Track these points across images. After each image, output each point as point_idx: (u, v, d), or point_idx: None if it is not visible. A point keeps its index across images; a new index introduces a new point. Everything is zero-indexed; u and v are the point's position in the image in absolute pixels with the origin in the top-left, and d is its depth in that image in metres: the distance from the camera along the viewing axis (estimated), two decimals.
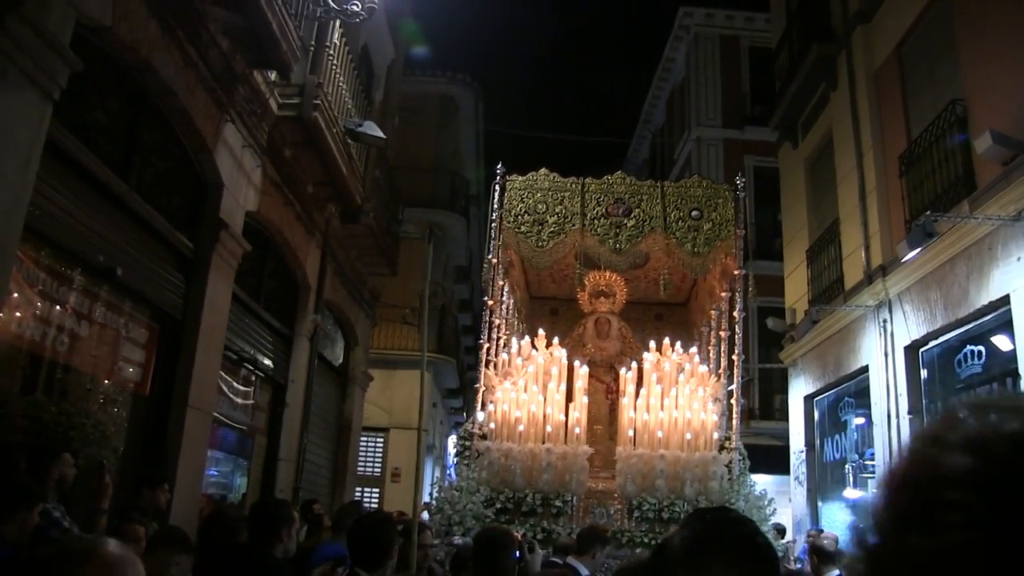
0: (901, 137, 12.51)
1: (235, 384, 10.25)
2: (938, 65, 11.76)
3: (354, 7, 9.39)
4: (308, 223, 11.69)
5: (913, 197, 11.85)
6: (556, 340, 11.81)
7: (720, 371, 11.57)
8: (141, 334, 7.72)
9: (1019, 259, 9.15)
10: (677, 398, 10.91)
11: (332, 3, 9.10)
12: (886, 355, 12.28)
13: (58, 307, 6.37)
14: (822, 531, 12.07)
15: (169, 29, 7.17)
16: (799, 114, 16.93)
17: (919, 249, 10.13)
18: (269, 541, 4.93)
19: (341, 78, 10.87)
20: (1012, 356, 9.33)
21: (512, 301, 12.46)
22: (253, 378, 10.93)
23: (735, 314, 11.36)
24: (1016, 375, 9.20)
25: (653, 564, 1.74)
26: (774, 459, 17.90)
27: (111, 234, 6.92)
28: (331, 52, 10.24)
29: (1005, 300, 9.44)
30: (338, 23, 10.16)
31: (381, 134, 11.09)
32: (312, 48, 9.81)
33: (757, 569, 1.59)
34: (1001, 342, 9.85)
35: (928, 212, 10.09)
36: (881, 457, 12.17)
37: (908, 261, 10.93)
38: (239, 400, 10.46)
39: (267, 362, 11.12)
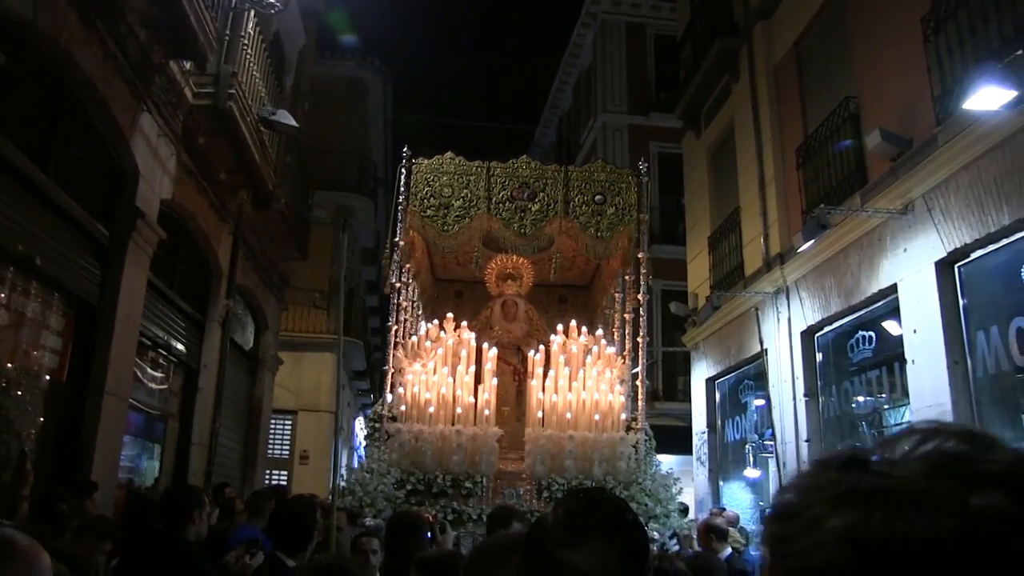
0: (799, 130, 13.02)
1: (149, 370, 10.29)
2: (834, 63, 12.26)
3: None
4: (221, 209, 11.75)
5: (810, 188, 12.37)
6: (464, 323, 11.89)
7: (625, 353, 11.79)
8: (58, 322, 7.78)
9: (905, 250, 9.69)
10: (584, 380, 11.08)
11: None
12: (784, 339, 12.85)
13: None
14: (724, 509, 12.51)
15: (88, 20, 7.23)
16: (702, 104, 17.37)
17: (813, 240, 10.63)
18: (182, 525, 5.09)
19: (255, 67, 10.97)
20: (899, 341, 9.87)
21: (417, 283, 12.53)
22: (166, 363, 10.98)
23: (639, 297, 11.48)
24: (903, 359, 9.77)
25: (528, 541, 1.80)
26: (678, 440, 18.24)
27: (30, 223, 6.98)
28: (246, 42, 10.33)
29: (893, 289, 9.99)
30: (252, 12, 10.24)
31: (294, 123, 11.22)
32: (227, 38, 9.89)
33: (626, 544, 1.68)
34: (890, 328, 10.41)
35: (822, 205, 10.61)
36: (779, 437, 12.72)
37: (804, 251, 11.43)
38: (152, 385, 10.50)
39: (180, 347, 11.16)
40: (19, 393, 7.24)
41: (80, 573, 4.72)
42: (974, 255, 8.79)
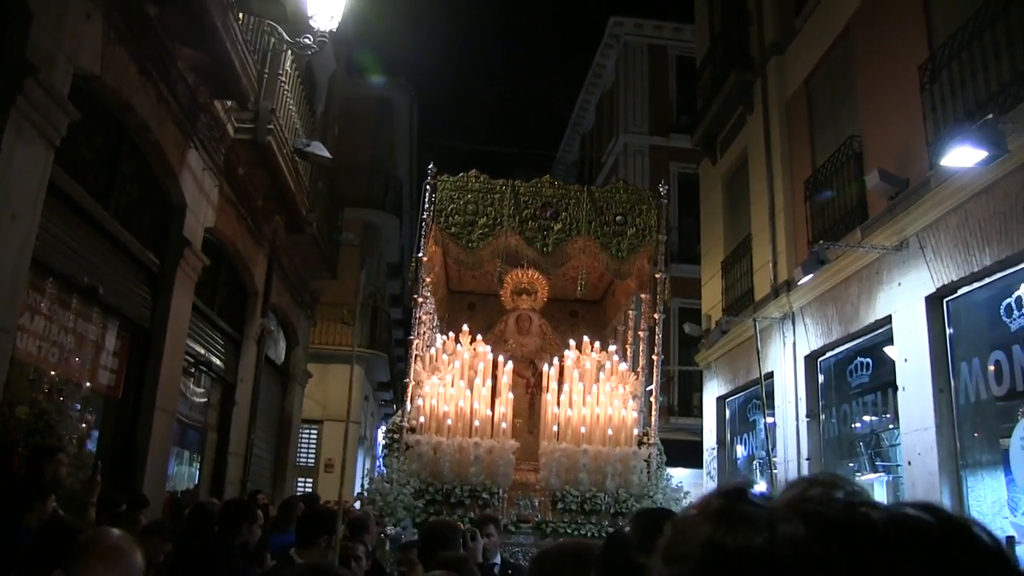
0: (807, 164, 13.61)
1: (191, 385, 11.05)
2: (840, 101, 12.85)
3: (306, 40, 10.10)
4: (257, 234, 12.51)
5: (816, 220, 12.97)
6: (480, 336, 12.10)
7: (638, 369, 11.99)
8: (115, 343, 8.53)
9: (899, 284, 10.31)
10: (598, 395, 11.26)
11: (287, 37, 9.83)
12: (790, 362, 13.47)
13: (51, 323, 7.18)
14: None
15: (146, 71, 7.98)
16: (718, 132, 17.89)
17: (812, 275, 11.27)
18: (233, 533, 5.80)
19: (291, 102, 11.71)
20: (893, 368, 10.49)
21: (435, 297, 12.74)
22: (207, 379, 11.74)
23: (655, 316, 11.70)
24: (895, 386, 10.39)
25: (608, 549, 2.03)
26: (692, 454, 18.63)
27: (93, 256, 7.73)
28: (283, 79, 11.07)
29: (888, 319, 10.61)
30: (290, 52, 10.97)
31: (327, 154, 11.93)
32: (266, 76, 10.62)
33: None
34: (885, 356, 11.01)
35: (821, 241, 11.24)
36: (781, 455, 13.33)
37: (803, 284, 12.06)
38: (194, 399, 11.28)
39: (219, 363, 11.92)
40: (81, 408, 8.00)
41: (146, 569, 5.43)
42: (961, 291, 9.40)
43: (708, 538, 0.83)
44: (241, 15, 8.89)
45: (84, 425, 8.08)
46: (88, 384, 8.12)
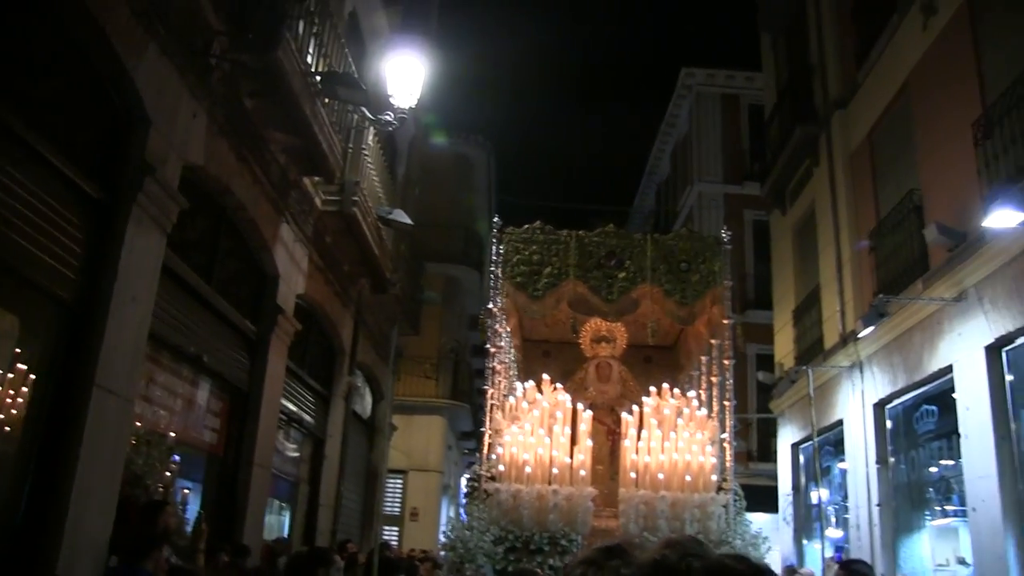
0: (871, 215, 13.97)
1: (284, 441, 11.77)
2: (902, 154, 13.18)
3: (387, 116, 10.79)
4: (344, 297, 13.28)
5: (880, 271, 13.34)
6: (559, 384, 12.18)
7: (714, 415, 11.96)
8: (217, 405, 9.30)
9: (960, 334, 10.63)
10: (677, 441, 11.27)
11: (369, 115, 10.51)
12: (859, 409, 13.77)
13: (163, 390, 7.95)
14: (797, 567, 13.32)
15: (243, 157, 8.77)
16: (787, 184, 18.31)
17: (872, 327, 11.64)
18: None
19: (373, 172, 12.48)
20: (956, 416, 10.80)
21: (512, 346, 12.92)
22: (298, 434, 12.47)
23: (725, 362, 11.79)
24: (959, 433, 10.70)
25: None
26: (771, 499, 18.67)
27: (198, 327, 8.49)
28: (366, 152, 11.84)
29: (950, 368, 10.93)
30: (372, 128, 11.72)
31: (408, 220, 12.62)
32: (350, 150, 11.38)
33: None
34: (950, 403, 11.29)
35: (881, 295, 11.61)
36: (852, 501, 13.61)
37: (865, 336, 12.42)
38: (288, 454, 12.00)
39: (309, 419, 12.66)
40: (189, 466, 8.76)
41: None
42: (1018, 341, 9.72)
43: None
44: (327, 99, 9.63)
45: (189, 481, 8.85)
46: (195, 445, 8.88)
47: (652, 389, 12.11)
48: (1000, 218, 8.27)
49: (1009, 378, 9.92)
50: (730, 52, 31.53)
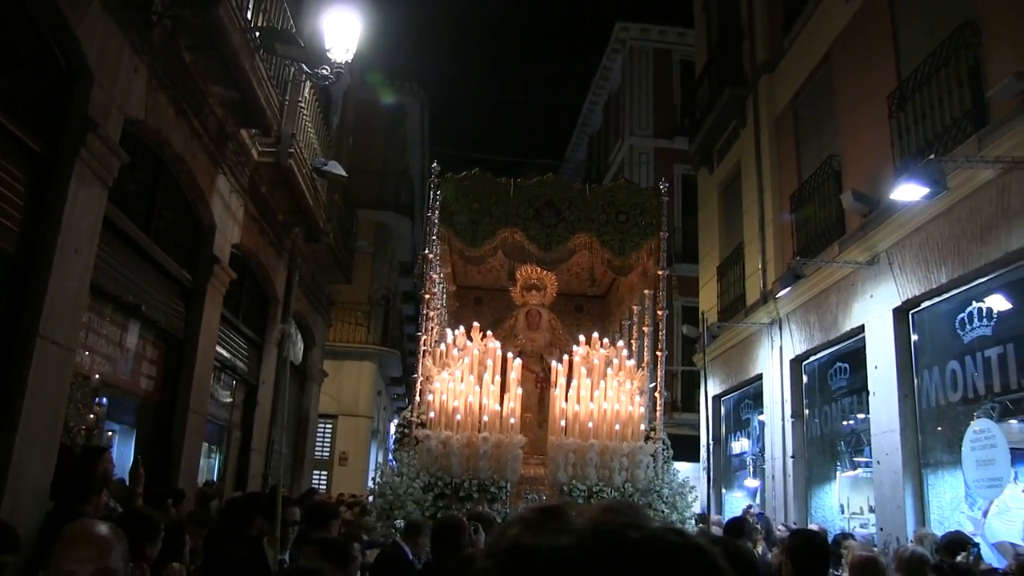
0: (794, 178, 14.48)
1: (218, 387, 11.98)
2: (824, 121, 13.69)
3: (324, 71, 10.91)
4: (278, 246, 13.44)
5: (801, 232, 13.86)
6: (489, 332, 12.15)
7: (644, 365, 11.94)
8: (154, 353, 9.48)
9: (871, 296, 11.20)
10: (606, 390, 11.25)
11: (307, 69, 10.61)
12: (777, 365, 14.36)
13: (101, 338, 8.14)
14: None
15: (182, 111, 8.89)
16: (715, 143, 18.79)
17: (789, 288, 12.16)
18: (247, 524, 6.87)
19: (309, 124, 12.62)
20: (866, 374, 11.38)
21: (444, 293, 12.91)
22: (231, 381, 12.69)
23: (659, 312, 11.79)
24: (868, 390, 11.28)
25: None
26: (695, 449, 19.10)
27: (136, 277, 8.66)
28: (303, 105, 11.98)
29: (862, 328, 11.52)
30: (309, 81, 11.84)
31: (343, 172, 12.83)
32: (287, 103, 11.51)
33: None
34: (861, 361, 11.87)
35: (797, 257, 12.13)
36: (768, 453, 14.24)
37: (782, 296, 12.95)
38: (221, 400, 12.21)
39: (243, 367, 12.86)
40: (124, 411, 8.98)
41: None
42: (924, 305, 10.29)
43: (515, 537, 1.04)
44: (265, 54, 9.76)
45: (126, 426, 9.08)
46: (132, 391, 9.10)
47: (581, 338, 12.18)
48: (906, 191, 8.74)
49: (914, 338, 10.52)
50: (664, 7, 31.44)
